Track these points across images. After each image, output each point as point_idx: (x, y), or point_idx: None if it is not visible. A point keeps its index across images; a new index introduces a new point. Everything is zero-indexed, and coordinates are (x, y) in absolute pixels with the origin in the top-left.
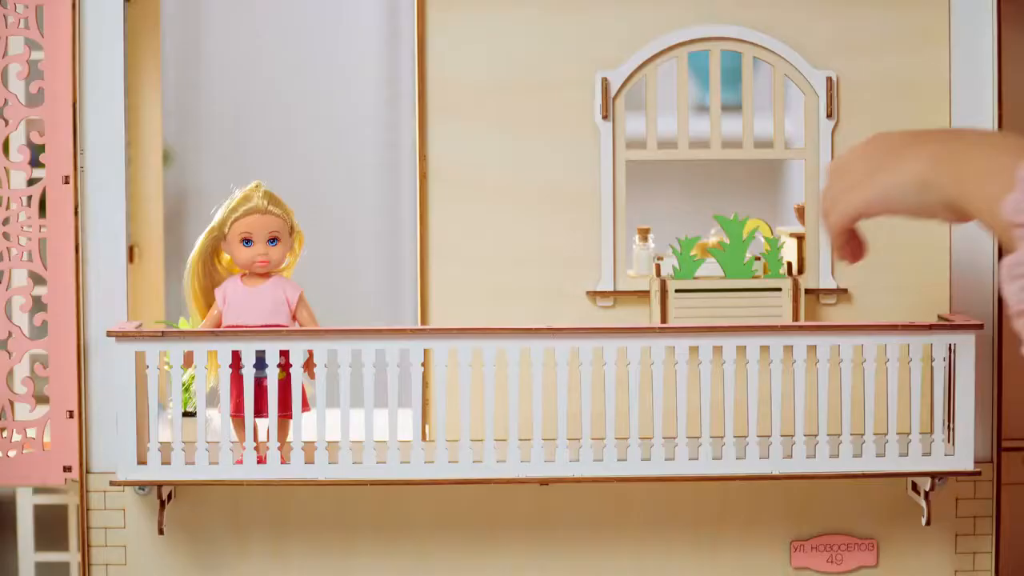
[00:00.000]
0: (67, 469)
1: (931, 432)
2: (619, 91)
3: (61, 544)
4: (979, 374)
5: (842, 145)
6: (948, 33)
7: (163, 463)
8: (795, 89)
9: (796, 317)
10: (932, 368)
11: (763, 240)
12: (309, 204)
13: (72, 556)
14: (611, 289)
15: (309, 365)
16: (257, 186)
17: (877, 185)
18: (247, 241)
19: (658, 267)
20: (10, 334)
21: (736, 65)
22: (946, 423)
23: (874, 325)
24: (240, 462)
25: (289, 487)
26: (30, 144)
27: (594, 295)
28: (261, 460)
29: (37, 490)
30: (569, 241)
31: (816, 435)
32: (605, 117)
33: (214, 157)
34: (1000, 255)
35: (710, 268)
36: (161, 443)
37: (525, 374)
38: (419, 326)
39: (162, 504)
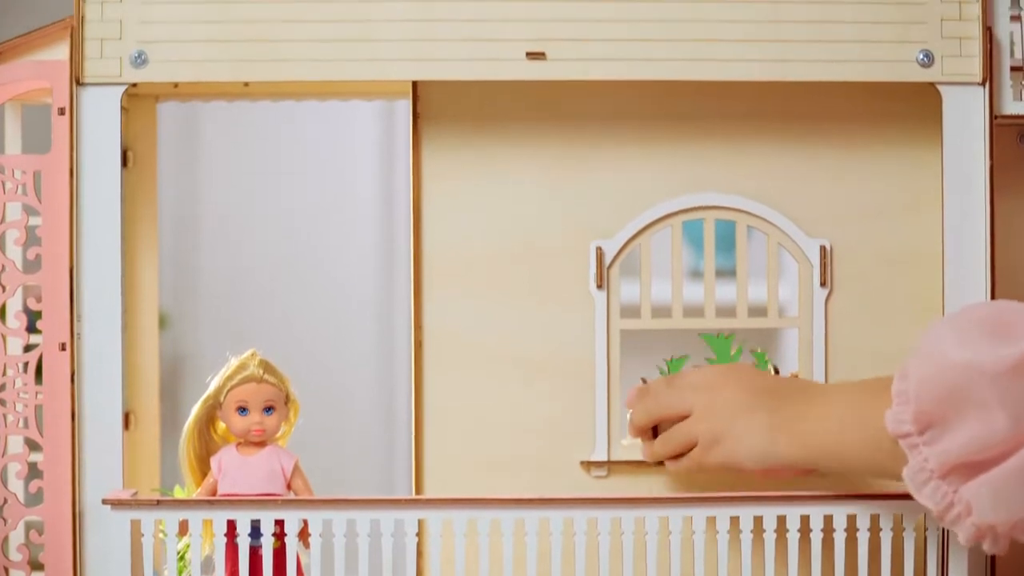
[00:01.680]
0: None
1: None
2: (613, 260)
3: None
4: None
5: (835, 314)
6: (941, 201)
7: None
8: (789, 256)
9: None
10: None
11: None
12: (304, 371)
13: None
14: (605, 459)
15: (304, 534)
16: (252, 355)
17: (726, 452)
18: (243, 410)
19: (644, 379)
20: (5, 501)
21: (730, 231)
22: None
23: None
24: None
25: None
26: (27, 310)
27: (588, 465)
28: None
29: None
30: (563, 410)
31: None
32: (600, 286)
33: (209, 322)
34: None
35: None
36: None
37: (520, 544)
38: (414, 496)
39: None
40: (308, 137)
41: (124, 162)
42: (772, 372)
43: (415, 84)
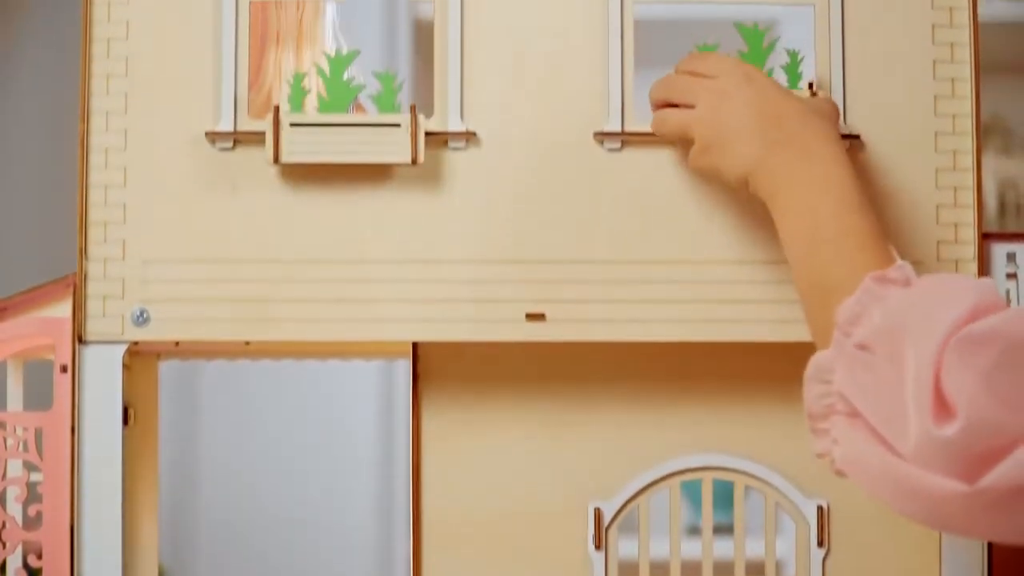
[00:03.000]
0: None
1: None
2: (612, 521)
3: None
4: None
5: (833, 574)
6: None
7: None
8: (787, 515)
9: None
10: None
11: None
12: None
13: None
14: None
15: None
16: None
17: (709, 161)
18: None
19: None
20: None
21: (729, 489)
22: None
23: None
24: None
25: None
26: (27, 566)
27: None
28: None
29: None
30: None
31: None
32: (598, 547)
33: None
34: None
35: None
36: None
37: None
38: None
39: None
40: (308, 395)
41: (125, 419)
42: (805, 89)
43: (415, 344)
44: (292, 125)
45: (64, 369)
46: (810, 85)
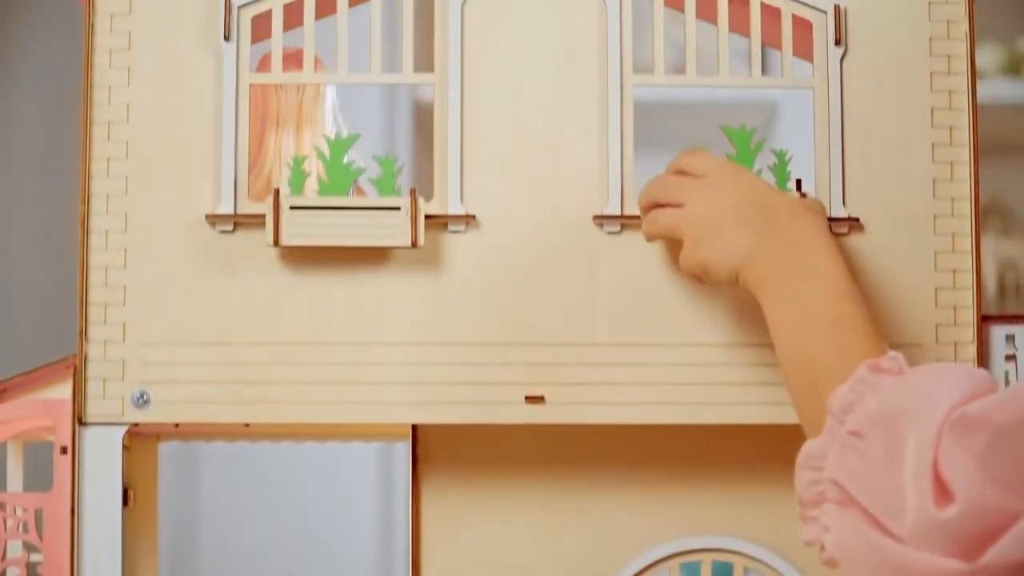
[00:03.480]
0: None
1: None
2: None
3: None
4: None
5: None
6: None
7: None
8: None
9: None
10: None
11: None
12: None
13: None
14: None
15: None
16: None
17: (700, 256)
18: None
19: None
20: None
21: (728, 570)
22: None
23: None
24: None
25: None
26: None
27: None
28: None
29: None
30: None
31: None
32: None
33: None
34: None
35: None
36: None
37: None
38: None
39: None
40: (307, 477)
41: (125, 500)
42: (793, 188)
43: (415, 426)
44: (292, 208)
45: (64, 450)
46: (798, 184)
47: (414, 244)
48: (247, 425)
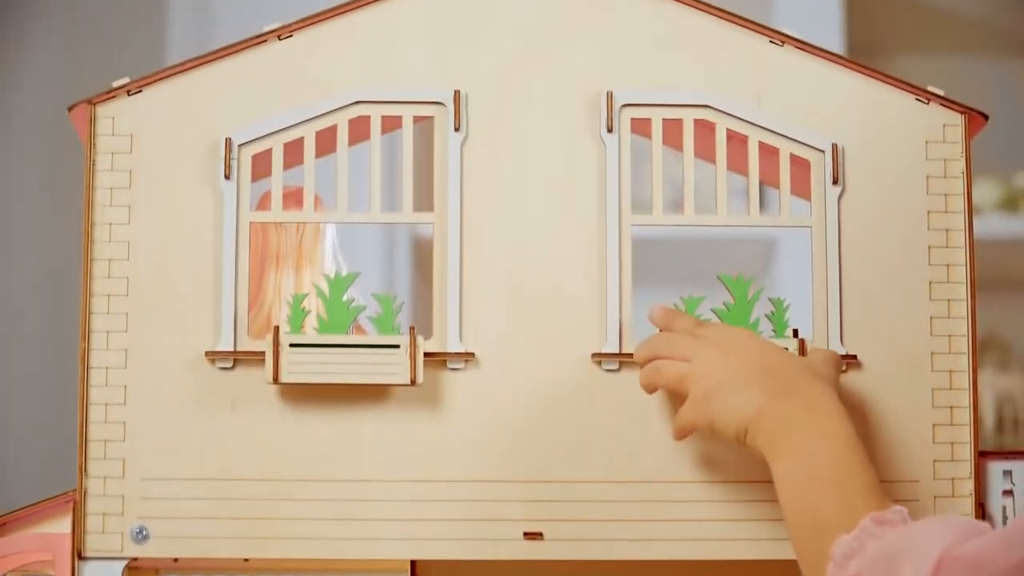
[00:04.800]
0: None
1: None
2: None
3: None
4: None
5: None
6: None
7: None
8: None
9: None
10: None
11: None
12: None
13: None
14: None
15: None
16: None
17: (708, 410)
18: None
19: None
20: None
21: None
22: None
23: None
24: None
25: None
26: None
27: None
28: None
29: None
30: None
31: None
32: None
33: None
34: None
35: None
36: None
37: None
38: None
39: None
40: None
41: None
42: (793, 345)
43: (413, 562)
44: (292, 346)
45: None
46: (795, 332)
47: (413, 382)
48: (246, 560)
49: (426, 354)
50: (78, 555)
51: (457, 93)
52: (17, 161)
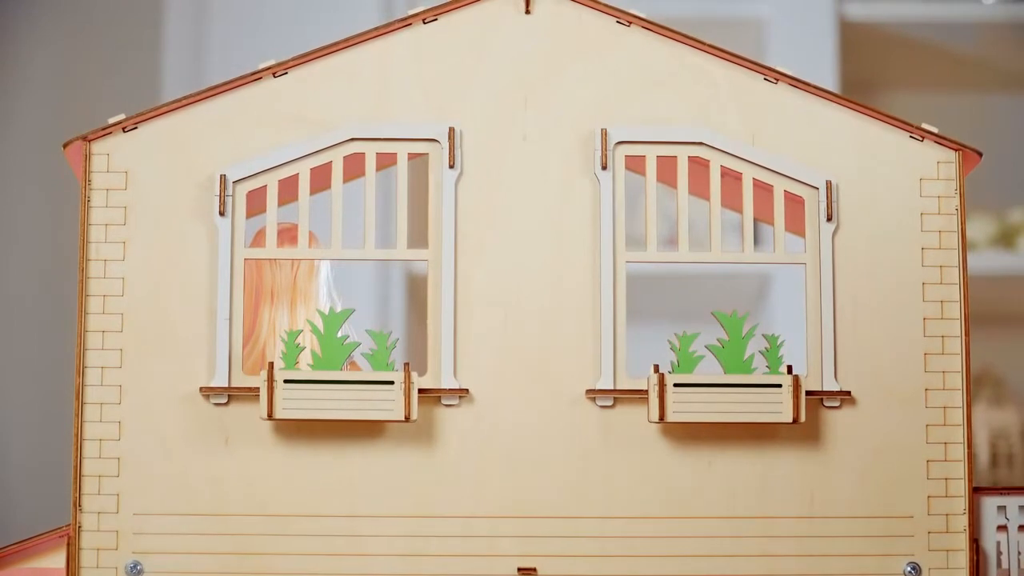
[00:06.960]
0: None
1: None
2: None
3: None
4: None
5: None
6: None
7: None
8: None
9: (797, 415)
10: None
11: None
12: None
13: None
14: None
15: None
16: None
17: None
18: None
19: (656, 365)
20: None
21: None
22: None
23: None
24: None
25: None
26: None
27: None
28: None
29: None
30: None
31: None
32: None
33: None
34: None
35: (709, 366)
36: None
37: None
38: None
39: None
40: None
41: None
42: (788, 381)
43: None
44: (286, 382)
45: None
46: (789, 368)
47: (407, 418)
48: None
49: (420, 390)
50: None
51: (452, 130)
52: (13, 196)
